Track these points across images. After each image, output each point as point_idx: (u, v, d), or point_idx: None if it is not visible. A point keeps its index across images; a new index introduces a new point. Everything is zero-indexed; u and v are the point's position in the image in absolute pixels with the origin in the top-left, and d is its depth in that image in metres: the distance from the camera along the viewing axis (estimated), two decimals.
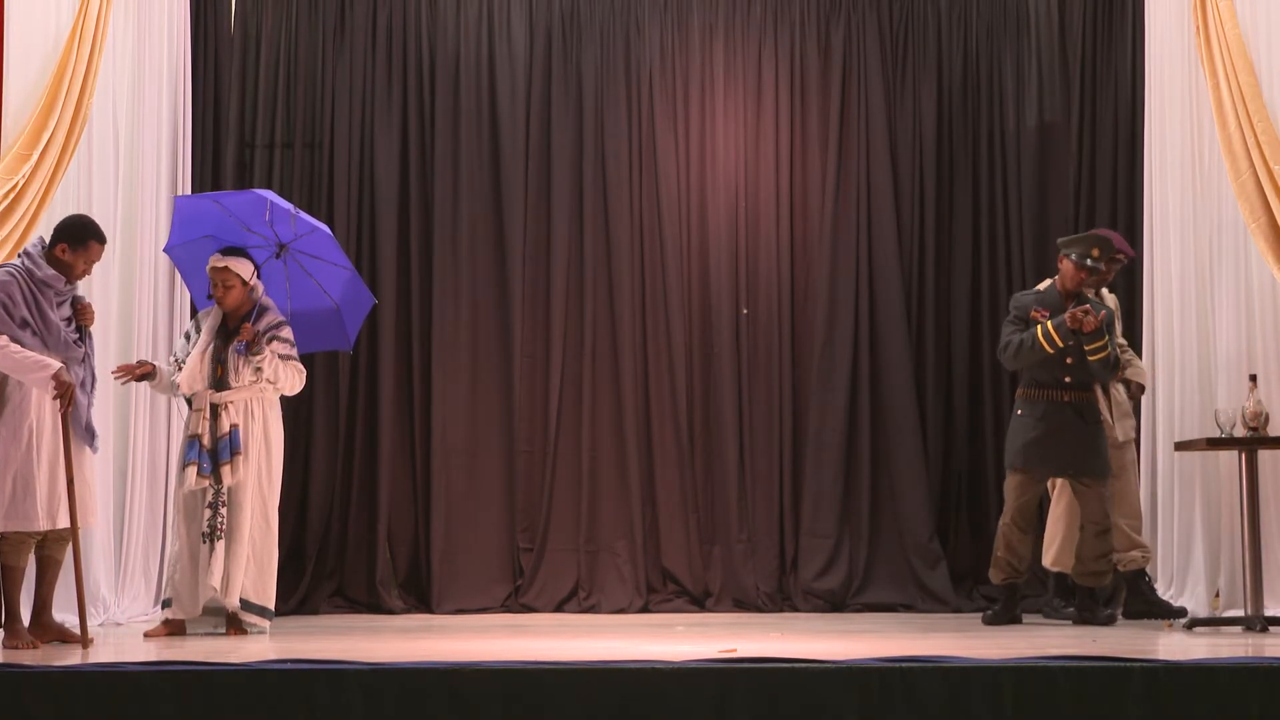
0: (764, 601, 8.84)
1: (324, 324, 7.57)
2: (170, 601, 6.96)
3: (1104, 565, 7.58)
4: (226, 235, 7.24)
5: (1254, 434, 7.08)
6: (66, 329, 6.37)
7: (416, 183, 9.10)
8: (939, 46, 9.34)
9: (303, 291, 7.48)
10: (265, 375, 7.01)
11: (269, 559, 7.09)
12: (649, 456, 9.02)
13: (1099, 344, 7.44)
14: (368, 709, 4.60)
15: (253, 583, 7.00)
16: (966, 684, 4.66)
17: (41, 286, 6.34)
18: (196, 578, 6.92)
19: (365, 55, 9.14)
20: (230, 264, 7.04)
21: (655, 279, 9.11)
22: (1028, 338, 7.53)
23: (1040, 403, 7.60)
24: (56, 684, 4.65)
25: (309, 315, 7.49)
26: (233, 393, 6.98)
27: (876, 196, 9.20)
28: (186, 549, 6.93)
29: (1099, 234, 7.75)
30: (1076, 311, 7.41)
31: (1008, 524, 7.60)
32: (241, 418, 6.99)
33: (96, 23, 7.35)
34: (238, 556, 6.92)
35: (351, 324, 7.62)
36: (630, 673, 4.70)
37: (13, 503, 6.24)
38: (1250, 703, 4.64)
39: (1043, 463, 7.56)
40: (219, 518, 6.91)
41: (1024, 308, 7.67)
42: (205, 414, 6.95)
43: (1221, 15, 7.50)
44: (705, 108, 9.25)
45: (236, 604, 6.93)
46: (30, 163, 7.00)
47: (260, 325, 7.02)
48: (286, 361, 7.09)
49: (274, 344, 7.04)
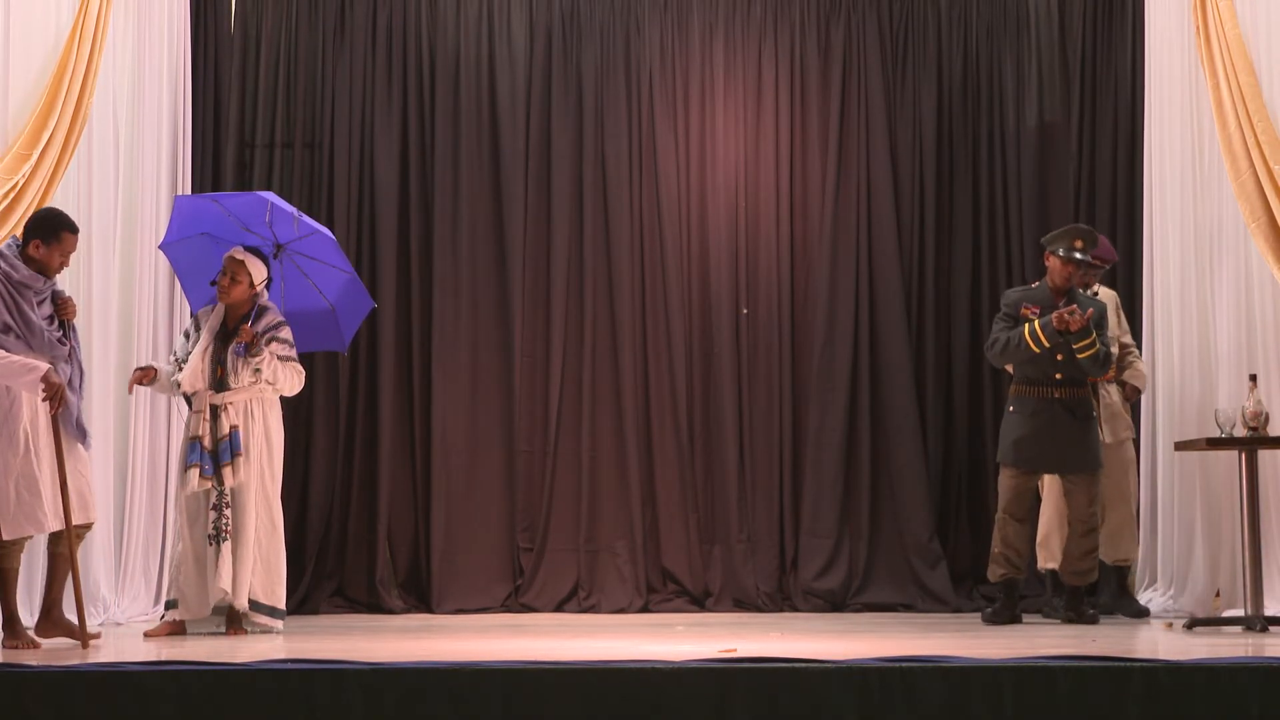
0: (764, 601, 8.84)
1: (319, 324, 7.57)
2: (175, 603, 6.96)
3: (1090, 563, 7.63)
4: (225, 234, 7.24)
5: (1254, 434, 7.08)
6: (49, 328, 6.33)
7: (416, 183, 9.10)
8: (939, 46, 9.34)
9: (298, 292, 7.48)
10: (264, 376, 7.01)
11: (277, 559, 7.08)
12: (649, 456, 9.03)
13: (1087, 342, 7.45)
14: (368, 709, 4.60)
15: (261, 583, 7.00)
16: (966, 684, 4.66)
17: (20, 288, 6.28)
18: (204, 580, 6.92)
19: (365, 55, 9.14)
20: (248, 260, 7.06)
21: (655, 279, 9.11)
22: (1014, 336, 7.54)
23: (1031, 399, 7.62)
24: (56, 684, 4.65)
25: (304, 315, 7.49)
26: (232, 394, 6.98)
27: (876, 196, 9.20)
28: (191, 551, 6.93)
29: (1079, 226, 7.76)
30: (1062, 313, 7.42)
31: (1003, 516, 7.64)
32: (241, 419, 6.99)
33: (96, 23, 7.34)
34: (244, 558, 6.92)
35: (348, 326, 7.61)
36: (630, 673, 4.70)
37: (18, 508, 6.22)
38: (1250, 703, 4.64)
39: (1032, 459, 7.59)
40: (224, 519, 6.91)
41: (1014, 304, 7.68)
42: (205, 415, 6.95)
43: (1221, 15, 7.50)
44: (705, 108, 9.25)
45: (245, 605, 6.93)
46: (30, 163, 7.00)
47: (259, 326, 7.02)
48: (286, 362, 7.09)
49: (273, 345, 7.04)
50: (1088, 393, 7.67)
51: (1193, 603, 7.79)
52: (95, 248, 7.64)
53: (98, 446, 7.25)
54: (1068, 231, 7.67)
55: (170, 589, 7.03)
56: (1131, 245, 8.87)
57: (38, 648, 6.15)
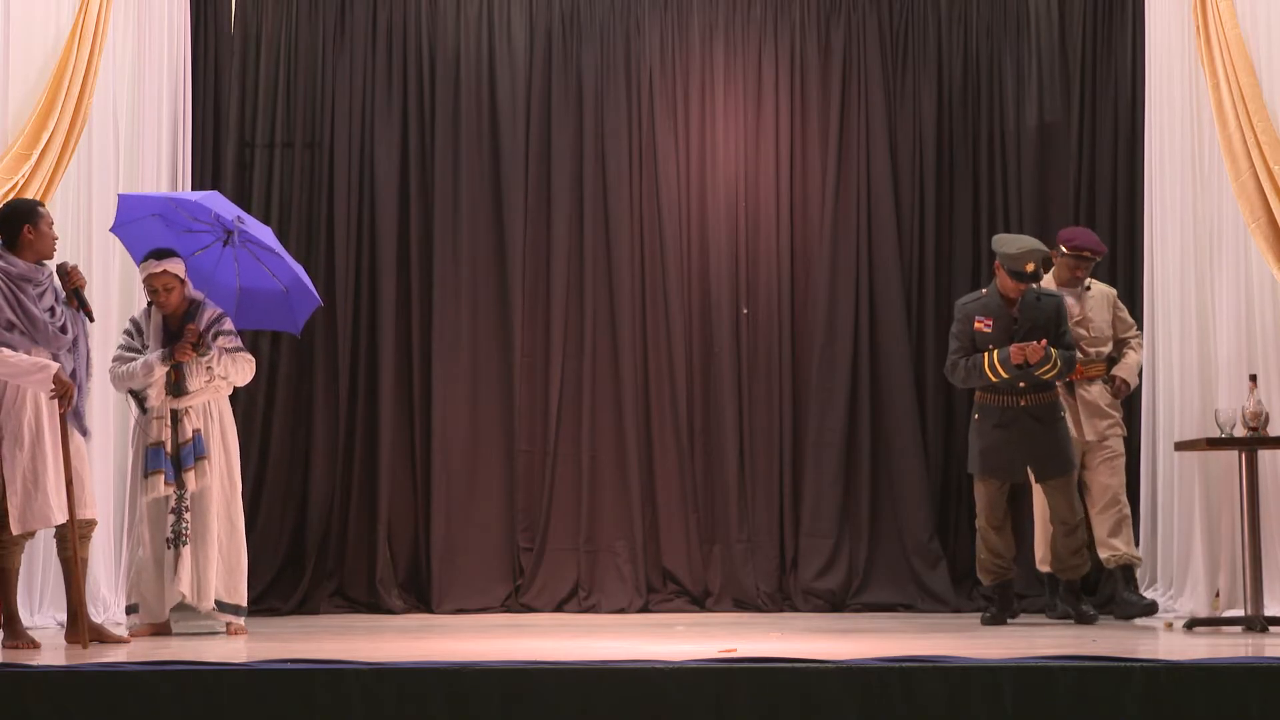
0: (764, 601, 8.84)
1: (273, 304, 7.53)
2: (136, 607, 6.97)
3: (1080, 559, 7.66)
4: (173, 216, 7.21)
5: (1254, 434, 7.08)
6: (51, 320, 6.36)
7: (416, 183, 9.10)
8: (939, 46, 9.33)
9: (251, 272, 7.45)
10: (217, 372, 7.00)
11: (238, 558, 7.10)
12: (649, 456, 9.03)
13: (1047, 367, 7.44)
14: (367, 709, 4.60)
15: (224, 583, 7.02)
16: (966, 684, 4.66)
17: (20, 283, 6.28)
18: (162, 583, 6.92)
19: (365, 55, 9.14)
20: (168, 266, 6.97)
21: (655, 279, 9.11)
22: (973, 367, 7.54)
23: (996, 409, 7.61)
24: (56, 684, 4.65)
25: (258, 294, 7.48)
26: (191, 397, 6.96)
27: (876, 196, 9.20)
28: (151, 555, 6.93)
29: (1037, 247, 7.56)
30: (1020, 348, 7.38)
31: (982, 525, 7.68)
32: (202, 420, 6.99)
33: (96, 23, 7.35)
34: (208, 559, 6.92)
35: (301, 309, 7.56)
36: (630, 673, 4.70)
37: (27, 503, 6.22)
38: (1250, 703, 4.64)
39: (1000, 469, 7.60)
40: (183, 523, 6.91)
41: (967, 319, 7.65)
42: (166, 421, 6.94)
43: (1221, 15, 7.50)
44: (705, 108, 9.25)
45: (211, 607, 6.95)
46: (30, 163, 7.00)
47: (202, 323, 7.00)
48: (235, 354, 7.07)
49: (220, 339, 7.02)
50: (1055, 395, 7.64)
51: (1193, 603, 7.78)
52: (95, 247, 7.64)
53: (97, 446, 7.25)
54: (1023, 251, 7.47)
55: (131, 593, 7.04)
56: (1131, 245, 8.86)
57: (38, 647, 6.15)
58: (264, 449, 8.89)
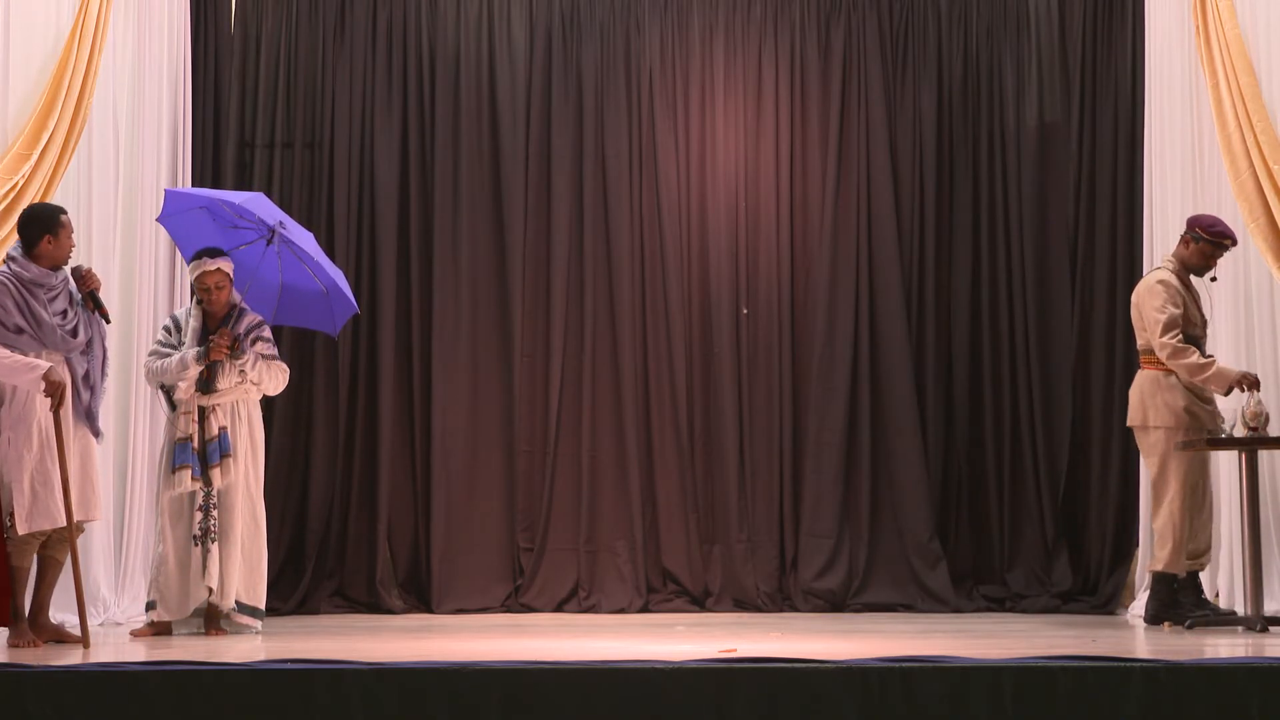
0: (764, 601, 8.84)
1: (312, 304, 7.58)
2: (155, 604, 6.98)
3: None
4: (218, 212, 7.24)
5: (1254, 434, 7.07)
6: (62, 324, 6.39)
7: (416, 183, 9.10)
8: (939, 46, 9.33)
9: (294, 270, 7.48)
10: (250, 376, 7.04)
11: (259, 559, 7.12)
12: (649, 456, 9.02)
13: None
14: (367, 709, 4.60)
15: (245, 584, 7.04)
16: (966, 684, 4.67)
17: (32, 288, 6.37)
18: (185, 580, 6.93)
19: (365, 55, 9.14)
20: (221, 265, 7.07)
21: (655, 279, 9.11)
22: None
23: None
24: (56, 684, 4.66)
25: (298, 292, 7.52)
26: (219, 395, 7.00)
27: (876, 196, 9.20)
28: (174, 552, 6.95)
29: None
30: None
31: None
32: (229, 419, 7.01)
33: (96, 23, 7.35)
34: (232, 559, 6.94)
35: (340, 313, 7.61)
36: (630, 673, 4.70)
37: (35, 503, 6.28)
38: (1250, 703, 4.65)
39: None
40: (210, 520, 6.93)
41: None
42: (194, 417, 6.96)
43: (1221, 15, 7.51)
44: (705, 108, 9.24)
45: (232, 605, 6.96)
46: (30, 162, 7.01)
47: (240, 328, 7.05)
48: (270, 362, 7.13)
49: (257, 345, 7.09)
50: None
51: None
52: (95, 248, 7.64)
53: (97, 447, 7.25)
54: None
55: (150, 589, 7.05)
56: (1131, 245, 8.86)
57: (39, 647, 6.17)
58: (264, 449, 8.87)
